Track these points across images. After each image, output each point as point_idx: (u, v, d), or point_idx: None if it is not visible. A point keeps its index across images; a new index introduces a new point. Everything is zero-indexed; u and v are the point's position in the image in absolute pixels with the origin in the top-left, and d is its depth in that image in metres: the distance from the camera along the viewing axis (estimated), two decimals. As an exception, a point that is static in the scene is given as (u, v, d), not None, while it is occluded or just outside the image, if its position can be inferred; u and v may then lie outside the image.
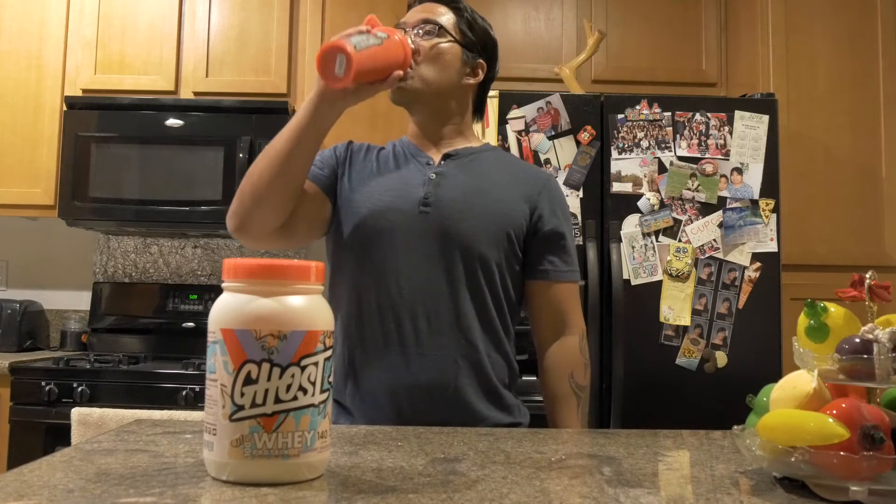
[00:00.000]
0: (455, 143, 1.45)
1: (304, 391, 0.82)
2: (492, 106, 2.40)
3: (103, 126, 2.85)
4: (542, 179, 1.46)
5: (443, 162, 1.42)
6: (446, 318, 1.32)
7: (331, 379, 0.86)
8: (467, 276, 1.34)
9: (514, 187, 1.42)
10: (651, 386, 2.34)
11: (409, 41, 1.33)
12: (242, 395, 0.81)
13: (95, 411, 2.33)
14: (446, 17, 1.41)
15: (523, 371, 1.47)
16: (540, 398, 1.45)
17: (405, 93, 1.39)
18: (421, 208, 1.35)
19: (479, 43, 1.44)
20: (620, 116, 2.44)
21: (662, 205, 2.40)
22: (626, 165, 2.42)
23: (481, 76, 1.46)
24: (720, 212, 2.40)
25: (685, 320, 2.36)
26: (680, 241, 2.39)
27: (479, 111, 1.52)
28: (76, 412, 2.33)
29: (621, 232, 2.38)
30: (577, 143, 2.42)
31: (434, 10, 1.42)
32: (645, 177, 2.41)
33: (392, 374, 1.31)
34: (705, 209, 2.40)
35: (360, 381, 1.34)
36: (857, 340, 0.85)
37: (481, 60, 1.45)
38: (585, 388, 1.41)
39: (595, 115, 2.44)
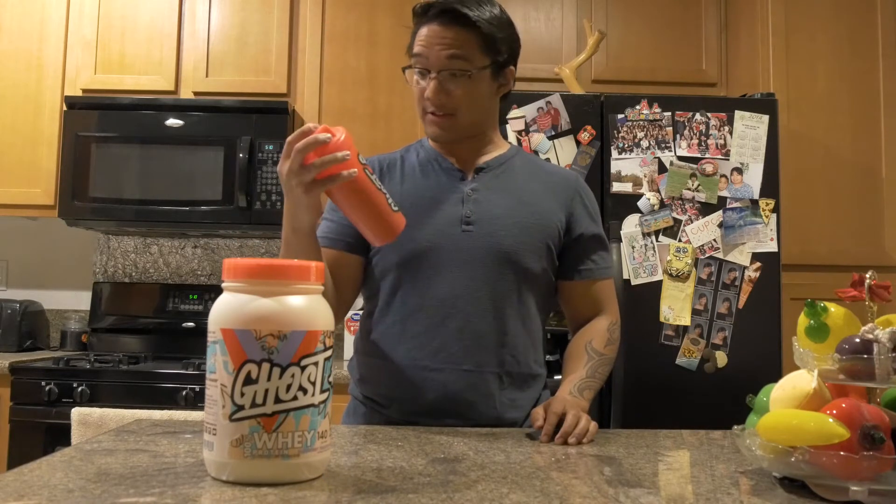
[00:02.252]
0: (485, 152, 1.43)
1: (304, 391, 0.82)
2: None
3: (103, 126, 2.85)
4: (572, 183, 1.45)
5: (476, 176, 1.40)
6: (492, 335, 1.33)
7: (331, 379, 0.86)
8: (513, 291, 1.35)
9: (549, 196, 1.41)
10: (651, 386, 2.34)
11: (429, 92, 1.29)
12: (242, 395, 0.81)
13: (95, 411, 2.33)
14: (469, 45, 1.31)
15: (552, 371, 1.48)
16: None
17: (449, 135, 1.37)
18: (463, 227, 1.34)
19: (507, 53, 1.37)
20: (620, 116, 2.44)
21: (662, 205, 2.40)
22: (626, 165, 2.42)
23: (512, 83, 1.42)
24: (720, 212, 2.40)
25: (685, 320, 2.36)
26: (680, 241, 2.38)
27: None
28: (76, 412, 2.33)
29: (621, 232, 2.38)
30: (577, 142, 2.42)
31: (456, 40, 1.30)
32: (645, 177, 2.41)
33: (436, 394, 1.31)
34: (705, 209, 2.40)
35: (404, 400, 1.34)
36: (857, 340, 0.85)
37: (511, 67, 1.40)
38: (602, 354, 1.38)
39: (595, 115, 2.43)
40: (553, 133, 2.42)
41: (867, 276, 0.92)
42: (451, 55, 1.30)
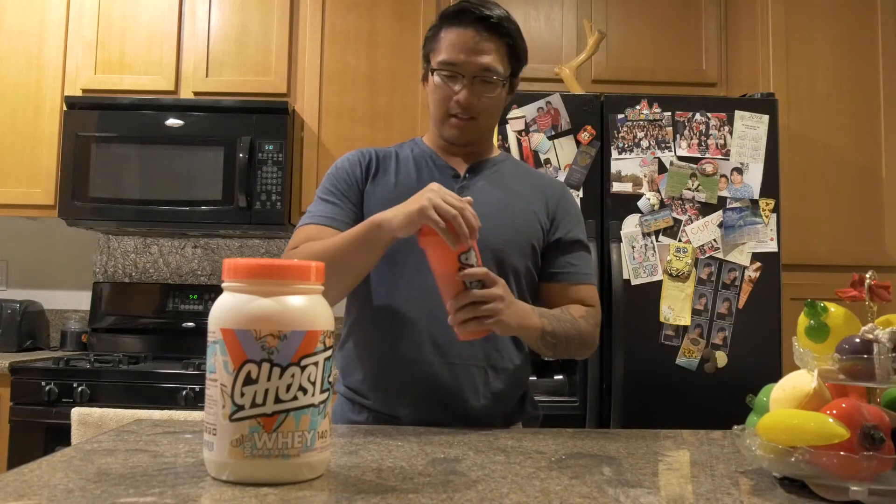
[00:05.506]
0: (479, 153, 1.47)
1: (304, 391, 0.82)
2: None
3: (103, 126, 2.85)
4: (558, 190, 1.50)
5: (468, 175, 1.44)
6: None
7: (331, 379, 0.86)
8: None
9: (536, 198, 1.45)
10: (651, 386, 2.34)
11: (466, 96, 1.34)
12: (242, 394, 0.81)
13: (95, 411, 2.33)
14: (500, 54, 1.37)
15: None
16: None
17: (467, 138, 1.41)
18: None
19: (524, 63, 1.44)
20: (620, 116, 2.44)
21: (662, 205, 2.40)
22: (626, 165, 2.42)
23: (515, 91, 1.48)
24: (720, 212, 2.40)
25: (685, 320, 2.36)
26: (680, 240, 2.38)
27: None
28: (76, 412, 2.33)
29: (621, 232, 2.38)
30: (577, 142, 2.42)
31: (491, 49, 1.36)
32: (645, 177, 2.41)
33: (421, 386, 1.32)
34: (705, 209, 2.40)
35: (388, 392, 1.35)
36: (857, 340, 0.85)
37: (518, 77, 1.46)
38: (574, 317, 1.36)
39: (595, 115, 2.44)
40: (553, 133, 2.42)
41: (867, 276, 0.92)
42: (486, 64, 1.36)
